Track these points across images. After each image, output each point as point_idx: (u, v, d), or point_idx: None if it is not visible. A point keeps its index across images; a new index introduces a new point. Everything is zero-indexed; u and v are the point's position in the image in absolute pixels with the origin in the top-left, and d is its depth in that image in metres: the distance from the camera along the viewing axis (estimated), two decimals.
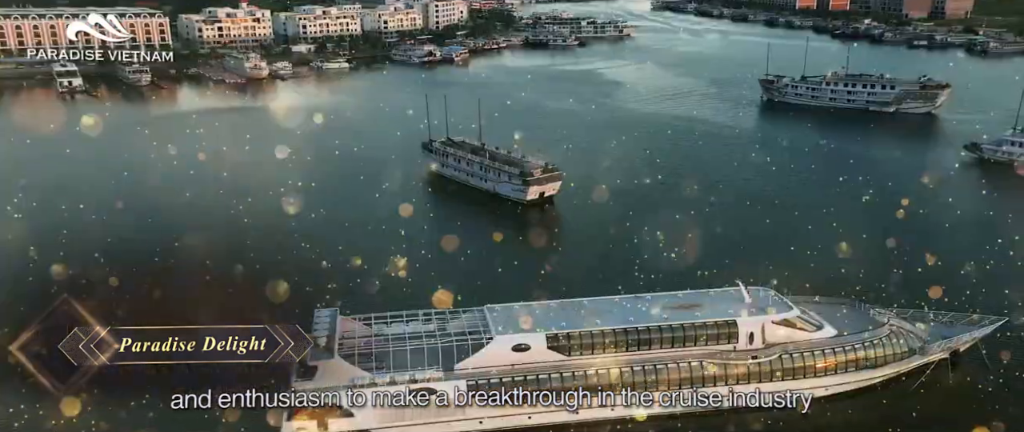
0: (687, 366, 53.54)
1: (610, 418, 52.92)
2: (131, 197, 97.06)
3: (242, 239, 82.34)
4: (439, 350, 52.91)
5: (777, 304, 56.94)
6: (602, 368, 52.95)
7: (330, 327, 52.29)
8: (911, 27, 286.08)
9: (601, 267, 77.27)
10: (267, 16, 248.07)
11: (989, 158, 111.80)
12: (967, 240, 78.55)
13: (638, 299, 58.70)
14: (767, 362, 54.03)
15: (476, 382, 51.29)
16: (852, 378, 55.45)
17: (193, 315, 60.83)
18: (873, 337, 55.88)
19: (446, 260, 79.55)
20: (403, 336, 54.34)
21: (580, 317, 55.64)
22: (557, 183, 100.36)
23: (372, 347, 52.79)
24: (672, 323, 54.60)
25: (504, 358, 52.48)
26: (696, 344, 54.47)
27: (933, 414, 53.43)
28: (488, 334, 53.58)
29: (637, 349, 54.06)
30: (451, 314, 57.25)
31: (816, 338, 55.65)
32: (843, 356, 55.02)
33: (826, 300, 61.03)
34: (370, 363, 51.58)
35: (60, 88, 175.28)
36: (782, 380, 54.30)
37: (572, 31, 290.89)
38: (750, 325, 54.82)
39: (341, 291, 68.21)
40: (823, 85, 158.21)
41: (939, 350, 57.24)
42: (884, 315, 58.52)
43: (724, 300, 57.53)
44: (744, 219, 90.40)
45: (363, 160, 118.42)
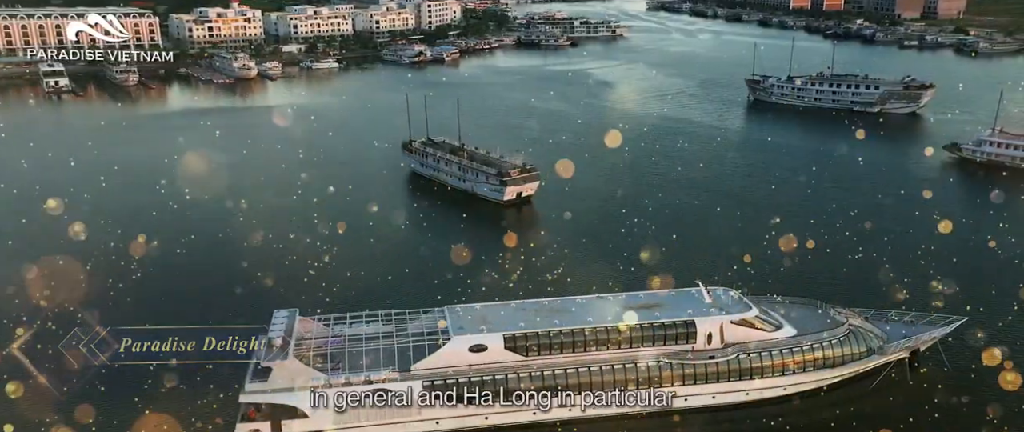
0: (645, 366, 53.61)
1: (568, 418, 52.91)
2: (106, 197, 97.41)
3: (213, 240, 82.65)
4: (396, 351, 53.00)
5: (737, 304, 57.04)
6: (560, 368, 52.95)
7: (287, 328, 52.21)
8: (902, 27, 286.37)
9: (573, 267, 77.31)
10: (258, 16, 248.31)
11: (968, 158, 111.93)
12: (937, 240, 78.51)
13: (600, 299, 58.84)
14: (724, 362, 54.08)
15: (432, 382, 51.30)
16: (811, 378, 55.49)
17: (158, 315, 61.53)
18: (831, 337, 55.98)
19: (417, 260, 79.80)
20: (361, 337, 54.34)
21: (540, 318, 55.61)
22: (535, 184, 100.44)
23: (329, 348, 52.78)
24: (630, 323, 54.46)
25: (461, 359, 52.50)
26: (654, 344, 54.49)
27: (892, 413, 53.40)
28: (446, 335, 53.62)
29: (595, 349, 54.13)
30: (412, 315, 57.16)
31: (774, 338, 55.72)
32: (801, 356, 55.10)
33: (788, 300, 61.01)
34: (327, 364, 51.55)
35: (46, 88, 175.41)
36: (739, 380, 54.37)
37: (564, 31, 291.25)
38: (708, 325, 54.87)
39: (307, 291, 68.46)
40: (808, 85, 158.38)
41: (899, 350, 57.31)
42: (844, 315, 58.62)
43: (684, 300, 57.60)
44: (717, 219, 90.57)
45: (345, 161, 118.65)
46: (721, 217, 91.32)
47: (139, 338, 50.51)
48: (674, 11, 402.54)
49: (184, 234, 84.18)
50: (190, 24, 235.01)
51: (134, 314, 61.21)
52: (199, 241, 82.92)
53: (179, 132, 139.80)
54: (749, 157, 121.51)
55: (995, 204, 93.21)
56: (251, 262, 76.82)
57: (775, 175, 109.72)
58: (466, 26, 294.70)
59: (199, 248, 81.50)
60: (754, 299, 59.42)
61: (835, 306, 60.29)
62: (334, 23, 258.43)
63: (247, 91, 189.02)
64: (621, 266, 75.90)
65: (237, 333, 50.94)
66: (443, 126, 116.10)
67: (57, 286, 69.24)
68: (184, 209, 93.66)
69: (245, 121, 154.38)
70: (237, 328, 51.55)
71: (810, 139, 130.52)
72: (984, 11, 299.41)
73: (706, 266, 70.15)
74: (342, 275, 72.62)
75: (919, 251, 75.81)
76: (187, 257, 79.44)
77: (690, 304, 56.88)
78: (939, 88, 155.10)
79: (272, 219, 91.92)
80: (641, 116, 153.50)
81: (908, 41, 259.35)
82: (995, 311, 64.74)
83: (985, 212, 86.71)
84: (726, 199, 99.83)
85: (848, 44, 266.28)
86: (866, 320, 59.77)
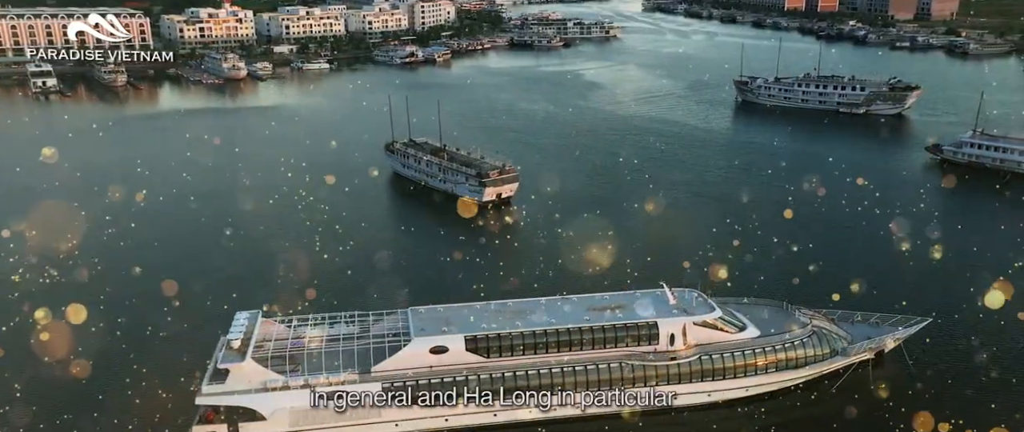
0: (606, 368, 53.53)
1: (528, 420, 52.88)
2: (88, 198, 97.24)
3: (187, 241, 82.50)
4: (355, 352, 52.93)
5: (701, 306, 57.02)
6: (520, 370, 52.87)
7: (247, 330, 52.20)
8: (895, 28, 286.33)
9: (546, 269, 77.32)
10: (250, 17, 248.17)
11: (949, 159, 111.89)
12: (909, 242, 78.50)
13: (565, 300, 58.80)
14: (686, 363, 54.02)
15: (392, 384, 51.18)
16: (773, 379, 55.47)
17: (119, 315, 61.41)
18: (794, 338, 55.94)
19: (390, 262, 79.43)
20: (322, 338, 54.24)
21: (504, 319, 55.53)
22: (514, 185, 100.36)
23: (288, 350, 52.62)
24: (592, 325, 54.62)
25: (421, 360, 52.41)
26: (617, 346, 54.44)
27: (854, 414, 53.45)
28: (407, 336, 53.55)
29: (557, 351, 54.06)
30: (375, 316, 57.09)
31: (737, 339, 55.68)
32: (764, 357, 55.05)
33: (754, 301, 61.13)
34: (286, 366, 51.35)
35: (33, 88, 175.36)
36: (702, 381, 54.30)
37: (558, 32, 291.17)
38: (671, 326, 54.81)
39: (274, 292, 68.35)
40: (795, 86, 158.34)
41: (863, 350, 57.30)
42: (808, 316, 58.57)
43: (648, 302, 57.44)
44: (695, 221, 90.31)
45: (328, 162, 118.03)
46: (697, 218, 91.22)
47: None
48: (669, 12, 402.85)
49: (156, 236, 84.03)
50: (181, 25, 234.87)
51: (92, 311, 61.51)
52: (169, 243, 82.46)
53: (161, 133, 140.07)
54: (731, 159, 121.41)
55: (969, 206, 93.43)
56: (221, 262, 76.93)
57: (753, 177, 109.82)
58: (460, 27, 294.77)
59: (171, 250, 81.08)
60: (720, 300, 59.51)
61: (801, 307, 60.29)
62: (326, 24, 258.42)
63: (236, 92, 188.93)
64: (593, 268, 75.68)
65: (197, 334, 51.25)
66: (429, 127, 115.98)
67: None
68: (159, 210, 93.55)
69: (231, 122, 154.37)
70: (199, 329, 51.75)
71: (793, 140, 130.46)
72: (977, 12, 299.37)
73: (677, 267, 69.95)
74: (313, 276, 72.52)
75: (890, 252, 75.82)
76: (160, 258, 79.09)
77: (654, 305, 56.77)
78: (926, 89, 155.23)
79: (247, 220, 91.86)
80: (628, 118, 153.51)
81: (900, 42, 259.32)
82: (960, 312, 64.77)
83: (959, 214, 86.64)
84: (704, 200, 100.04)
85: (840, 45, 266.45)
86: (832, 321, 59.77)
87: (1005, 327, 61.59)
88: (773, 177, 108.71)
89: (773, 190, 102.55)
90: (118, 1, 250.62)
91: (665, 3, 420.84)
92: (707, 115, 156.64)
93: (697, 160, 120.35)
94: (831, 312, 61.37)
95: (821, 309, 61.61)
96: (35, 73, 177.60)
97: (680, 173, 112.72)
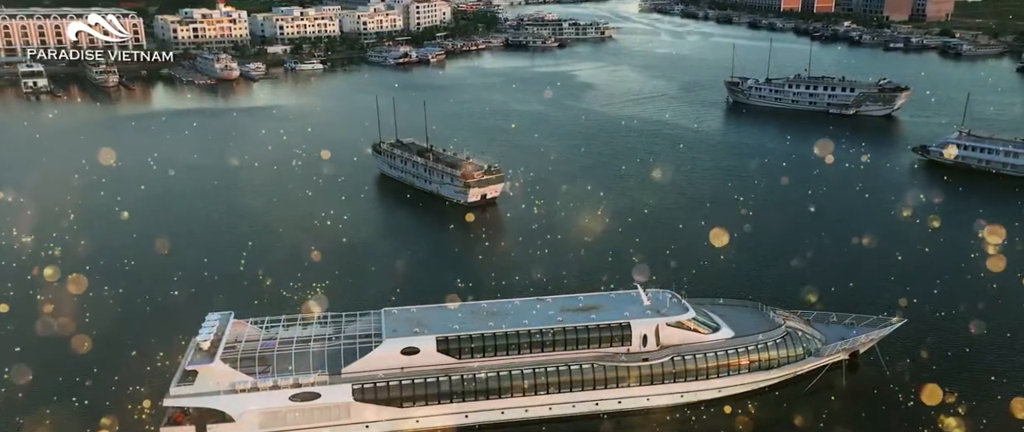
0: (578, 369, 53.37)
1: (499, 422, 52.75)
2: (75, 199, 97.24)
3: (165, 241, 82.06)
4: (326, 354, 52.73)
5: (674, 306, 56.83)
6: (491, 371, 52.68)
7: (218, 331, 51.93)
8: (889, 29, 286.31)
9: (529, 269, 77.03)
10: (243, 17, 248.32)
11: (936, 160, 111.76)
12: (889, 243, 78.50)
13: (539, 301, 58.60)
14: (658, 365, 53.84)
15: (362, 386, 51.01)
16: (746, 380, 55.30)
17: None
18: (767, 339, 55.76)
19: (371, 263, 79.45)
20: (293, 340, 53.98)
21: (477, 320, 55.33)
22: (499, 185, 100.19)
23: (258, 351, 52.37)
24: (565, 326, 54.42)
25: (392, 361, 52.20)
26: (589, 347, 54.26)
27: (828, 415, 53.24)
28: (379, 338, 53.39)
29: (529, 352, 53.87)
30: (348, 317, 56.88)
31: (710, 340, 55.51)
32: (736, 358, 54.89)
33: (729, 302, 60.96)
34: (256, 367, 51.15)
35: (24, 88, 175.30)
36: (674, 382, 54.15)
37: (552, 33, 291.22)
38: (644, 327, 54.63)
39: (251, 293, 68.30)
40: (786, 87, 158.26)
41: (837, 351, 57.19)
42: (782, 317, 58.41)
43: (622, 303, 57.34)
44: (677, 221, 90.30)
45: (316, 162, 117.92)
46: (679, 219, 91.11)
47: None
48: (666, 13, 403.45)
49: (133, 237, 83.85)
50: (175, 25, 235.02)
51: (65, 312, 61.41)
52: (148, 244, 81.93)
53: (150, 134, 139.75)
54: (718, 160, 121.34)
55: (951, 207, 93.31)
56: (199, 263, 76.74)
57: (738, 178, 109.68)
58: (455, 28, 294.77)
59: (149, 250, 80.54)
60: (695, 301, 59.38)
61: (776, 308, 60.12)
62: (321, 24, 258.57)
63: (228, 92, 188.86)
64: (573, 268, 75.76)
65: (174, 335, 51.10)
66: (418, 128, 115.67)
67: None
68: (139, 209, 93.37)
69: (221, 122, 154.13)
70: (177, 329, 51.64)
71: (782, 141, 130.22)
72: (972, 13, 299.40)
73: (655, 267, 69.79)
74: (291, 277, 72.33)
75: (870, 253, 75.53)
76: (138, 258, 78.87)
77: (627, 306, 56.64)
78: (917, 90, 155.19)
79: (228, 222, 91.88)
80: (618, 119, 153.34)
81: (893, 43, 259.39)
82: (935, 313, 64.65)
83: (940, 215, 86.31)
84: (688, 200, 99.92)
85: (834, 46, 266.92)
86: (807, 322, 59.61)
87: (980, 327, 61.51)
88: (758, 178, 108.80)
89: (757, 191, 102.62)
90: (113, 1, 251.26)
91: (662, 4, 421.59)
92: (698, 116, 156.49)
93: (684, 161, 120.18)
94: (807, 313, 61.29)
95: (797, 310, 61.51)
96: (26, 73, 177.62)
97: (666, 174, 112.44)
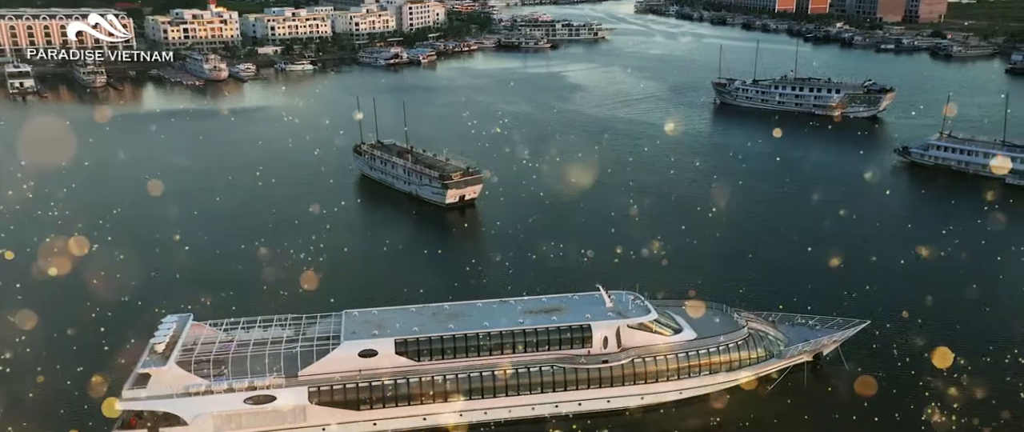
0: (537, 371, 53.10)
1: (458, 424, 52.45)
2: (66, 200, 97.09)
3: (132, 243, 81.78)
4: (283, 356, 52.37)
5: (636, 308, 56.54)
6: (450, 373, 52.42)
7: (174, 333, 51.68)
8: (881, 31, 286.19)
9: (501, 270, 77.12)
10: (234, 18, 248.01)
11: (917, 162, 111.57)
12: (861, 245, 78.32)
13: (501, 303, 58.37)
14: (618, 366, 53.56)
15: (318, 388, 50.70)
16: (708, 381, 55.03)
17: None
18: (729, 341, 55.49)
19: (343, 264, 79.02)
20: (250, 342, 53.55)
21: (438, 322, 55.04)
22: (478, 187, 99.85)
23: (214, 354, 51.91)
24: (525, 328, 54.13)
25: (350, 364, 51.90)
26: (550, 349, 53.99)
27: (790, 416, 53.09)
28: (337, 340, 53.09)
29: (489, 354, 53.59)
30: (309, 319, 56.53)
31: (672, 342, 55.22)
32: (697, 360, 54.59)
33: (693, 304, 60.57)
34: (211, 370, 50.70)
35: (11, 90, 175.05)
36: (635, 384, 53.86)
37: (545, 34, 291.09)
38: (604, 329, 54.34)
39: (218, 294, 67.94)
40: (772, 89, 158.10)
41: (800, 353, 56.98)
42: (745, 319, 58.14)
43: (584, 304, 57.05)
44: (653, 222, 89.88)
45: (297, 163, 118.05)
46: (655, 220, 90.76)
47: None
48: (661, 14, 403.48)
49: (109, 239, 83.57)
50: (165, 26, 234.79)
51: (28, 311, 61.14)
52: (117, 244, 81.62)
53: (132, 134, 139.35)
54: (702, 161, 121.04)
55: (928, 208, 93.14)
56: (166, 264, 76.52)
57: (719, 178, 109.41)
58: (448, 29, 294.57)
59: (116, 251, 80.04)
60: (658, 302, 59.15)
61: (739, 310, 59.86)
62: (312, 25, 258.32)
63: (217, 93, 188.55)
64: (542, 270, 75.62)
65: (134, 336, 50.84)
66: (401, 129, 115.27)
67: None
68: (113, 211, 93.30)
69: (205, 123, 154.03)
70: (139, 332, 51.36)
71: (767, 143, 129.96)
72: (965, 15, 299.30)
73: (623, 268, 69.63)
74: (258, 279, 72.20)
75: (839, 255, 75.10)
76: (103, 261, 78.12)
77: (589, 308, 56.37)
78: (903, 91, 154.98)
79: (203, 223, 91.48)
80: (606, 120, 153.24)
81: (885, 45, 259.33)
82: (899, 315, 64.40)
83: (912, 217, 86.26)
84: (666, 202, 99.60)
85: (827, 47, 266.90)
86: (772, 324, 59.38)
87: (945, 329, 61.34)
88: (736, 179, 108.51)
89: (737, 192, 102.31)
90: (106, 2, 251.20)
91: (657, 5, 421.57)
92: (685, 117, 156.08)
93: (667, 163, 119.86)
94: (772, 314, 61.03)
95: (762, 312, 61.27)
96: (12, 74, 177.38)
97: (648, 175, 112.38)
